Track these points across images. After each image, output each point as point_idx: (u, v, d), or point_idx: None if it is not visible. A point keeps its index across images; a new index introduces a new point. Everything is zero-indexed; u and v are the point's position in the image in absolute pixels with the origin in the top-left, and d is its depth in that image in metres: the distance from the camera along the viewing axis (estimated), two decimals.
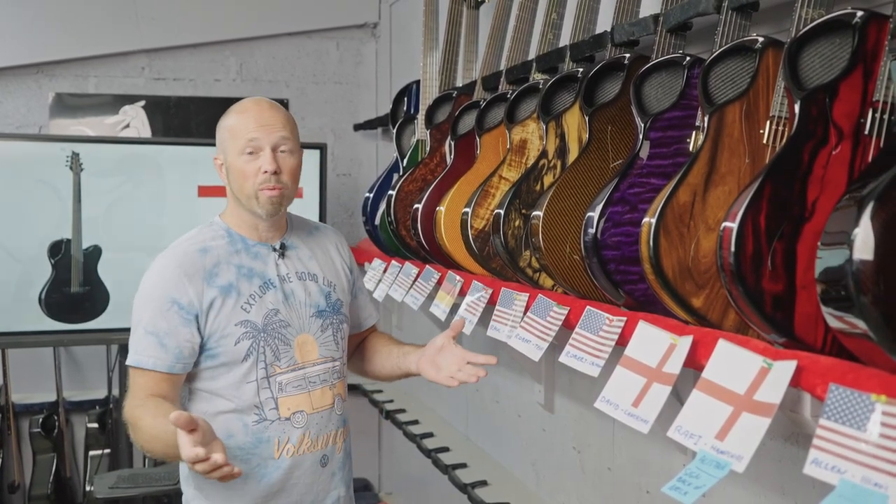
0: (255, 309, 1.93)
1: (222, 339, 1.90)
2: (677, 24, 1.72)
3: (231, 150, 1.94)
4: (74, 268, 3.60)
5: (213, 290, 1.90)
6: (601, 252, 1.61)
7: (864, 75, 1.23)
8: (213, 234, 1.99)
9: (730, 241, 1.23)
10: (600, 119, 1.84)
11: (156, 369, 1.86)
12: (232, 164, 1.94)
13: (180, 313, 1.87)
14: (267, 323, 1.94)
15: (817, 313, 1.18)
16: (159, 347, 1.87)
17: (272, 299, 1.96)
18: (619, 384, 1.46)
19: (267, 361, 1.93)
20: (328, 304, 2.05)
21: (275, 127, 1.94)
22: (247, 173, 1.92)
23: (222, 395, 1.93)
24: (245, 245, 2.00)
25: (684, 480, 1.17)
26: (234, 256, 1.97)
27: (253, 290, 1.95)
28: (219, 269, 1.93)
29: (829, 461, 1.02)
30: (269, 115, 1.95)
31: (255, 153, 1.91)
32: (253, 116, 1.93)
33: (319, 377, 2.00)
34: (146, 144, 3.98)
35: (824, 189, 1.22)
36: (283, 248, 2.03)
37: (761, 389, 1.18)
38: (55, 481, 4.11)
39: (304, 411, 1.97)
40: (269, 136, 1.92)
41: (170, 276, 1.90)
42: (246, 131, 1.91)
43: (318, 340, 2.01)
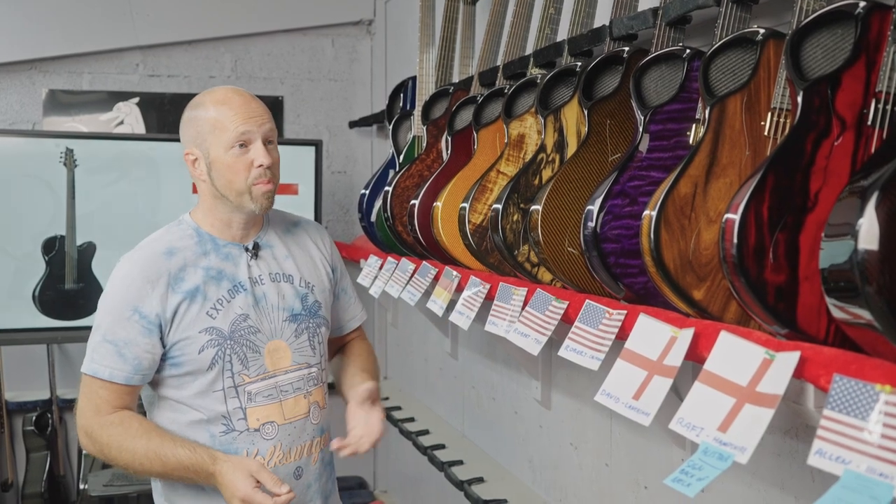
0: (222, 314, 1.84)
1: (186, 346, 1.82)
2: (676, 17, 1.71)
3: (216, 144, 1.82)
4: (68, 264, 3.58)
5: (178, 295, 1.82)
6: (601, 245, 1.60)
7: (866, 66, 1.22)
8: (181, 234, 1.90)
9: (732, 233, 1.23)
10: (599, 113, 1.83)
11: (112, 380, 1.79)
12: (217, 159, 1.83)
13: (141, 322, 1.79)
14: (234, 329, 1.85)
15: (820, 304, 1.18)
16: (117, 357, 1.79)
17: (241, 303, 1.87)
18: (619, 377, 1.45)
19: (234, 370, 1.84)
20: (304, 308, 1.96)
21: (263, 118, 1.86)
22: (237, 168, 1.82)
23: (188, 405, 1.86)
24: (215, 245, 1.90)
25: (687, 472, 1.16)
26: (203, 258, 1.87)
27: (221, 295, 1.86)
28: (185, 273, 1.84)
29: (833, 452, 1.02)
30: (256, 106, 1.86)
31: (245, 146, 1.83)
32: (240, 108, 1.83)
33: (292, 385, 1.91)
34: (140, 141, 3.96)
35: (827, 180, 1.22)
36: (255, 248, 1.94)
37: (764, 381, 1.17)
38: (49, 479, 4.09)
39: (276, 422, 1.88)
40: (259, 129, 1.84)
41: (132, 282, 1.81)
42: (235, 124, 1.81)
43: (291, 346, 1.92)
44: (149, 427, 1.81)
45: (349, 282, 2.17)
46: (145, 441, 1.77)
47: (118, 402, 1.81)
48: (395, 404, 3.78)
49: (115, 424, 1.79)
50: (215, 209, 1.89)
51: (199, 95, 1.92)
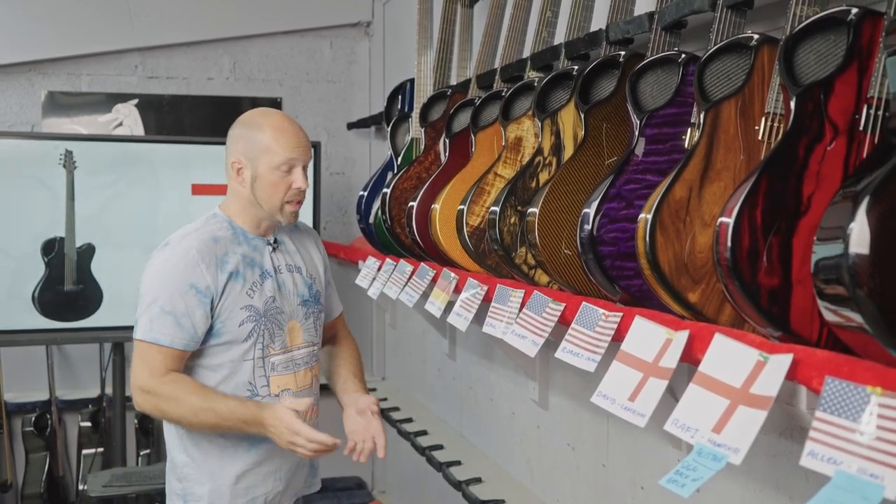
0: (258, 295, 2.14)
1: (229, 320, 2.10)
2: (672, 21, 1.73)
3: (264, 163, 2.12)
4: (68, 266, 3.59)
5: (225, 274, 2.10)
6: (597, 248, 1.62)
7: (858, 72, 1.24)
8: (219, 226, 2.18)
9: (726, 236, 1.24)
10: (595, 116, 1.85)
11: (173, 346, 2.05)
12: (262, 175, 2.13)
13: (197, 297, 2.06)
14: (267, 308, 2.15)
15: (813, 307, 1.19)
16: (176, 326, 2.05)
17: (269, 288, 2.17)
18: (615, 379, 1.47)
19: (264, 343, 2.14)
20: (310, 295, 2.28)
21: (307, 149, 2.18)
22: (279, 187, 2.14)
23: (220, 371, 2.12)
24: (245, 237, 2.19)
25: (681, 473, 1.18)
26: (238, 247, 2.16)
27: (255, 279, 2.16)
28: (227, 257, 2.13)
29: (825, 453, 1.03)
30: (303, 137, 2.18)
31: (288, 170, 2.13)
32: (292, 137, 2.14)
33: (303, 360, 2.23)
34: (140, 143, 3.97)
35: (820, 184, 1.23)
36: (276, 243, 2.23)
37: (757, 382, 1.19)
38: (48, 480, 4.11)
39: (290, 389, 2.18)
40: (303, 157, 2.16)
41: (189, 260, 2.07)
42: (286, 150, 2.12)
43: (302, 326, 2.24)
44: (201, 385, 2.09)
45: (331, 277, 2.47)
46: (200, 397, 2.04)
47: (171, 366, 2.07)
48: (393, 405, 3.79)
49: (172, 382, 2.06)
50: (248, 211, 2.19)
51: (253, 115, 2.20)
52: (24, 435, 4.14)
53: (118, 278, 3.66)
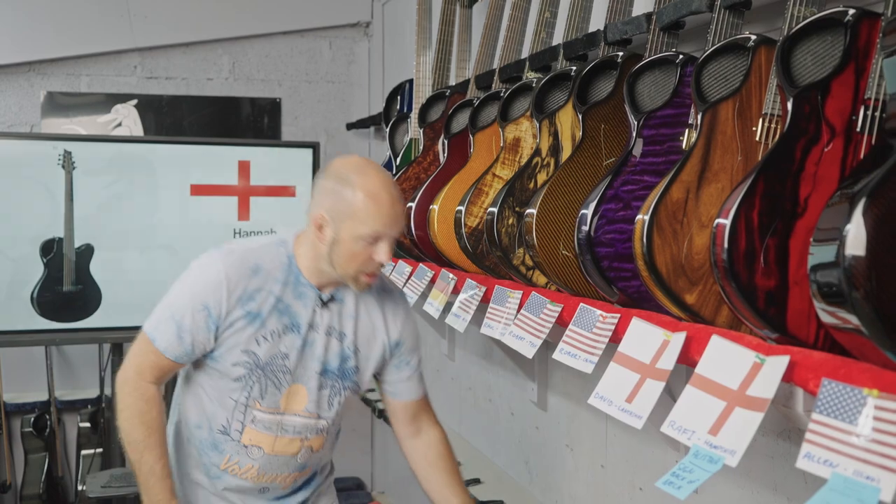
0: (267, 346, 1.93)
1: (225, 354, 1.94)
2: (670, 22, 1.73)
3: (349, 229, 1.85)
4: (66, 267, 3.59)
5: (241, 312, 1.91)
6: (595, 249, 1.61)
7: (855, 73, 1.24)
8: (275, 258, 1.95)
9: (723, 238, 1.24)
10: (593, 117, 1.84)
11: (165, 354, 1.93)
12: (342, 240, 1.86)
13: (207, 319, 1.90)
14: (269, 363, 1.94)
15: (810, 309, 1.19)
16: (176, 338, 1.92)
17: (288, 343, 1.95)
18: (612, 380, 1.47)
19: (251, 395, 1.95)
20: (338, 367, 2.01)
21: (399, 220, 1.90)
22: (359, 258, 1.87)
23: (207, 394, 2.00)
24: (297, 281, 1.95)
25: (678, 475, 1.18)
26: (279, 288, 1.93)
27: (276, 328, 1.93)
28: (257, 295, 1.92)
29: (821, 455, 1.03)
30: (399, 210, 1.89)
31: (373, 243, 1.86)
32: (385, 210, 1.85)
33: (294, 428, 2.00)
34: (138, 143, 3.97)
35: (816, 186, 1.23)
36: (330, 301, 1.98)
37: (754, 384, 1.18)
38: (47, 481, 4.11)
39: (263, 449, 1.99)
40: (391, 231, 1.87)
41: (213, 281, 1.90)
42: (375, 224, 1.84)
43: (310, 395, 1.99)
44: (158, 425, 1.95)
45: (418, 360, 2.14)
46: (146, 434, 1.93)
47: (160, 373, 1.96)
48: None
49: (143, 400, 1.95)
50: (317, 262, 1.93)
51: (348, 169, 1.90)
52: (23, 435, 4.14)
53: (117, 279, 3.66)
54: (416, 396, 2.15)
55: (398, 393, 2.13)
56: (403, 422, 2.17)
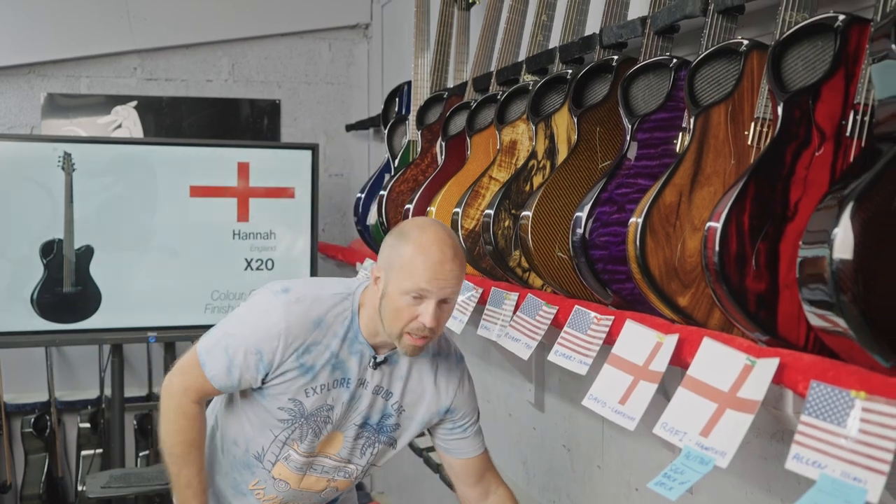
0: (315, 398, 1.91)
1: (272, 397, 1.92)
2: (664, 26, 1.74)
3: (395, 283, 1.79)
4: (66, 268, 3.60)
5: (294, 363, 1.87)
6: (589, 252, 1.63)
7: (845, 78, 1.25)
8: (340, 313, 1.90)
9: (714, 241, 1.25)
10: (589, 120, 1.86)
11: (211, 382, 1.90)
12: (390, 295, 1.80)
13: (259, 364, 1.87)
14: (314, 413, 1.93)
15: (800, 312, 1.20)
16: (225, 370, 1.89)
17: (335, 396, 1.92)
18: (606, 382, 1.48)
19: (291, 437, 1.95)
20: (378, 423, 1.99)
21: (449, 281, 1.77)
22: (402, 315, 1.79)
23: (250, 419, 1.98)
24: (354, 338, 1.91)
25: (669, 476, 1.19)
26: (337, 343, 1.89)
27: (327, 381, 1.91)
28: (315, 348, 1.88)
29: (810, 456, 1.04)
30: (450, 267, 1.77)
31: (419, 299, 1.78)
32: (431, 265, 1.76)
33: (323, 468, 2.00)
34: (138, 145, 3.98)
35: (807, 190, 1.24)
36: (382, 363, 1.94)
37: (745, 386, 1.20)
38: (47, 481, 4.12)
39: (290, 484, 2.01)
40: (440, 291, 1.77)
41: (273, 331, 1.86)
42: (420, 279, 1.76)
43: (346, 442, 1.98)
44: (198, 442, 1.96)
45: (472, 423, 2.09)
46: (185, 449, 1.94)
47: (204, 394, 1.95)
48: None
49: (186, 417, 1.94)
50: (374, 318, 1.88)
51: (412, 225, 1.87)
52: (23, 436, 4.15)
53: (117, 280, 3.67)
54: (474, 454, 2.10)
55: (452, 450, 2.09)
56: (467, 483, 2.11)
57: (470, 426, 2.08)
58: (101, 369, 4.12)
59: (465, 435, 2.07)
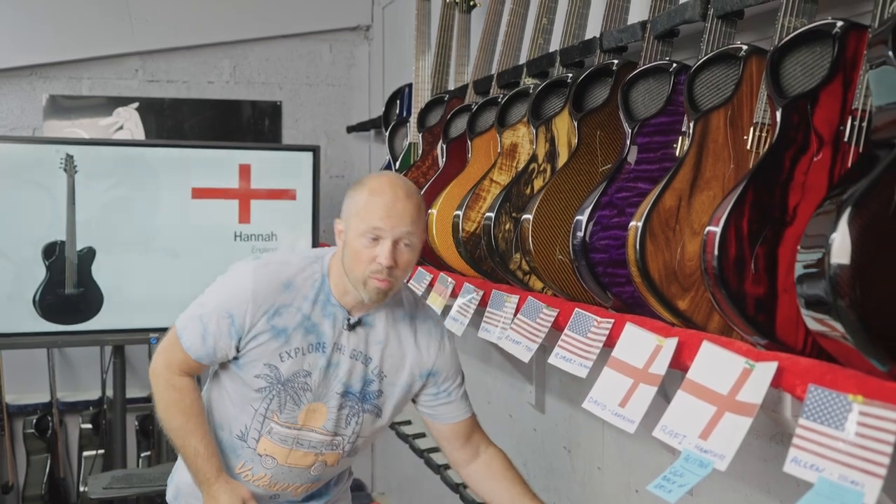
0: (290, 363, 1.92)
1: (248, 365, 1.94)
2: (664, 30, 1.75)
3: (354, 229, 1.84)
4: (68, 269, 3.62)
5: (267, 326, 1.90)
6: (589, 255, 1.64)
7: (843, 84, 1.26)
8: (310, 276, 1.94)
9: (713, 245, 1.26)
10: (589, 124, 1.87)
11: (188, 352, 1.94)
12: (350, 242, 1.85)
13: (231, 328, 1.90)
14: (290, 379, 1.93)
15: (798, 316, 1.21)
16: (200, 338, 1.93)
17: (312, 361, 1.93)
18: (606, 385, 1.49)
19: (270, 407, 1.95)
20: (360, 391, 1.98)
21: (403, 220, 1.82)
22: (362, 257, 1.83)
23: (231, 397, 2.01)
24: (326, 300, 1.93)
25: (669, 479, 1.20)
26: (308, 305, 1.92)
27: (301, 345, 1.92)
28: (285, 311, 1.90)
29: (808, 459, 1.05)
30: (402, 206, 1.83)
31: (376, 240, 1.82)
32: (385, 203, 1.82)
33: (310, 443, 1.98)
34: (140, 147, 3.99)
35: (805, 194, 1.25)
36: (356, 324, 1.95)
37: (744, 390, 1.21)
38: (49, 482, 4.13)
39: (277, 460, 1.99)
40: (394, 229, 1.81)
41: (241, 293, 1.90)
42: (373, 217, 1.81)
43: (329, 414, 1.97)
44: (195, 409, 1.98)
45: (458, 386, 2.08)
46: (184, 419, 1.96)
47: (187, 368, 1.97)
48: None
49: (176, 389, 1.97)
50: (342, 277, 1.91)
51: (370, 175, 1.94)
52: (25, 437, 4.16)
53: (119, 281, 3.68)
54: (461, 418, 2.08)
55: (438, 416, 2.08)
56: (455, 446, 2.09)
57: (455, 389, 2.06)
58: (102, 370, 4.13)
59: (451, 399, 2.06)
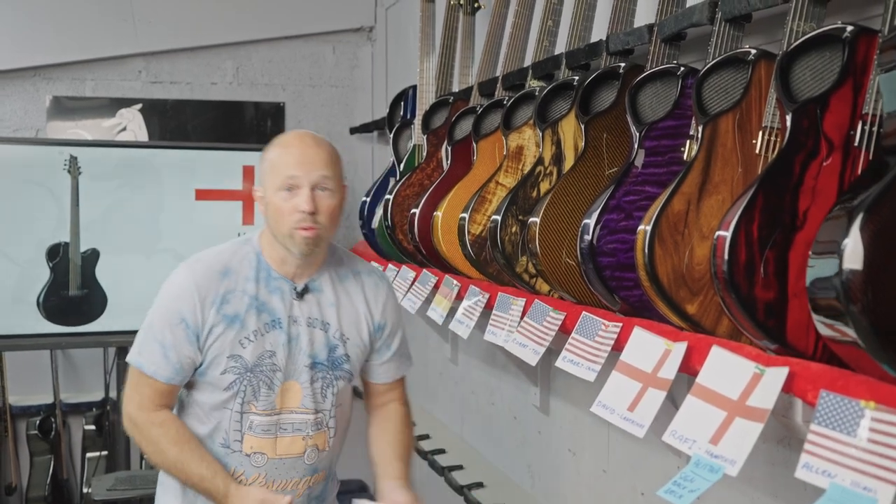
0: (252, 347, 1.91)
1: (212, 364, 1.91)
2: (671, 34, 1.75)
3: (270, 185, 1.87)
4: (72, 271, 3.61)
5: (219, 316, 1.89)
6: (597, 259, 1.64)
7: (853, 89, 1.26)
8: (243, 257, 1.95)
9: (723, 250, 1.26)
10: (596, 127, 1.87)
11: (155, 377, 1.90)
12: (270, 200, 1.88)
13: (186, 331, 1.89)
14: (257, 364, 1.92)
15: (808, 320, 1.21)
16: (162, 358, 1.89)
17: (273, 340, 1.93)
18: (614, 389, 1.49)
19: (245, 399, 1.92)
20: (328, 358, 1.98)
21: (315, 165, 1.86)
22: (284, 210, 1.85)
23: (204, 410, 1.96)
24: (268, 276, 1.94)
25: (679, 484, 1.20)
26: (252, 286, 1.93)
27: (258, 327, 1.92)
28: (231, 297, 1.91)
29: (819, 465, 1.05)
30: (313, 152, 1.87)
31: (293, 190, 1.85)
32: (295, 152, 1.87)
33: (293, 425, 1.96)
34: (144, 148, 3.99)
35: (815, 199, 1.25)
36: (304, 291, 1.96)
37: (754, 395, 1.20)
38: (52, 483, 4.12)
39: (266, 454, 1.96)
40: (308, 175, 1.84)
41: (185, 292, 1.90)
42: (285, 167, 1.85)
43: (304, 390, 1.96)
44: (184, 437, 1.93)
45: (400, 340, 2.13)
46: (177, 450, 1.90)
47: (160, 400, 1.93)
48: None
49: (157, 425, 1.92)
50: (274, 244, 1.93)
51: (276, 138, 1.97)
52: (28, 438, 4.15)
53: (122, 283, 3.68)
54: (392, 378, 2.13)
55: (375, 375, 2.12)
56: (373, 396, 2.16)
57: (395, 347, 2.10)
58: (106, 372, 4.12)
59: (391, 356, 2.10)
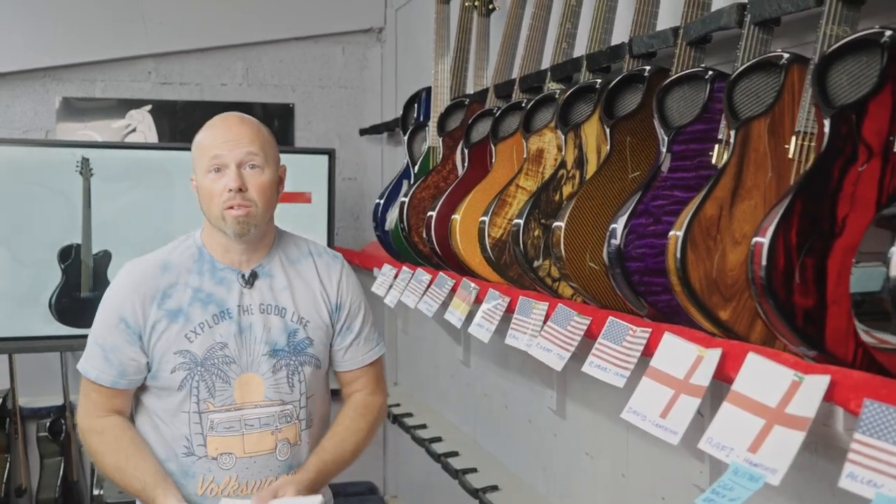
0: (200, 340, 1.85)
1: (161, 364, 1.86)
2: (698, 37, 1.74)
3: (199, 169, 1.84)
4: (84, 272, 3.61)
5: (161, 312, 1.84)
6: (625, 263, 1.63)
7: (892, 94, 1.24)
8: (184, 251, 1.93)
9: (761, 256, 1.25)
10: (620, 131, 1.86)
11: (98, 382, 1.87)
12: (201, 185, 1.84)
13: (126, 332, 1.85)
14: (208, 357, 1.85)
15: (848, 328, 1.20)
16: (104, 361, 1.86)
17: (223, 331, 1.87)
18: (645, 395, 1.48)
19: (200, 397, 1.86)
20: (289, 344, 1.91)
21: (240, 142, 1.83)
22: (213, 193, 1.82)
23: (161, 417, 1.90)
24: (212, 267, 1.90)
25: (718, 493, 1.19)
26: (196, 278, 1.88)
27: (204, 319, 1.86)
28: (173, 291, 1.86)
29: (865, 475, 1.04)
30: (237, 130, 1.84)
31: (220, 170, 1.81)
32: (219, 132, 1.84)
33: (260, 420, 1.89)
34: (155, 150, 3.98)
35: (854, 206, 1.24)
36: (252, 278, 1.91)
37: (793, 402, 1.19)
38: (62, 485, 4.12)
39: (234, 454, 1.88)
40: (233, 152, 1.81)
41: (122, 292, 1.87)
42: (210, 148, 1.82)
43: (266, 381, 1.89)
44: (124, 444, 1.86)
45: (364, 321, 2.07)
46: (115, 458, 1.85)
47: (108, 406, 1.89)
48: (406, 410, 3.80)
49: (98, 433, 1.88)
50: (213, 233, 1.90)
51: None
52: (38, 440, 4.15)
53: None
54: (359, 365, 2.06)
55: (340, 363, 2.04)
56: (343, 387, 2.11)
57: (357, 328, 2.04)
58: None
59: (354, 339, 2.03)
